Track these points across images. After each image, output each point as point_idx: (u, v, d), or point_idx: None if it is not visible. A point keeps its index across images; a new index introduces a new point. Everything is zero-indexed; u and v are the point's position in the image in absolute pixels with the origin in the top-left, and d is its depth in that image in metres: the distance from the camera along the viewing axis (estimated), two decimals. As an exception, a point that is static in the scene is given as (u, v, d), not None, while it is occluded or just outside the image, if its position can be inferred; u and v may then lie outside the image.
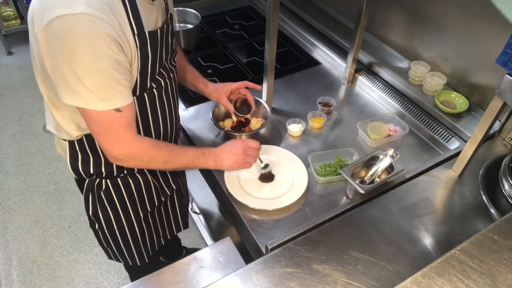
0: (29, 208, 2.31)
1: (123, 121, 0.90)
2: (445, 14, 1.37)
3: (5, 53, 3.43)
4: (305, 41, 1.87)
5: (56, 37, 0.77)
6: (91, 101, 0.83)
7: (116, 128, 0.90)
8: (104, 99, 0.84)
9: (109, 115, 0.86)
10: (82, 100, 0.83)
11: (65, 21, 0.75)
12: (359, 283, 0.93)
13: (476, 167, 1.17)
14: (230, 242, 1.17)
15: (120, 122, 0.89)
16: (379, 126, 1.37)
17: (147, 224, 1.26)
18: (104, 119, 0.87)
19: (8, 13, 3.29)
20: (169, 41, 1.01)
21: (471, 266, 0.68)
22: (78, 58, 0.78)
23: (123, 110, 0.87)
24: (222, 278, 0.95)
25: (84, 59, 0.78)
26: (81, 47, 0.77)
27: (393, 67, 1.60)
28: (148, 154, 0.99)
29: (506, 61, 0.91)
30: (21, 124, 2.82)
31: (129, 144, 0.94)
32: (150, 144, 0.99)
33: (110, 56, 0.80)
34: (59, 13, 0.75)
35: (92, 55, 0.78)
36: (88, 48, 0.77)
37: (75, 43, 0.76)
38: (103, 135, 0.91)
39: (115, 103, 0.86)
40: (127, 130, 0.92)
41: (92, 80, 0.81)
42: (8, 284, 1.98)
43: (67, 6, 0.75)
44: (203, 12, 1.99)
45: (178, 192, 1.32)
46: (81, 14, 0.75)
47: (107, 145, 0.93)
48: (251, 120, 1.39)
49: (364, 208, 1.11)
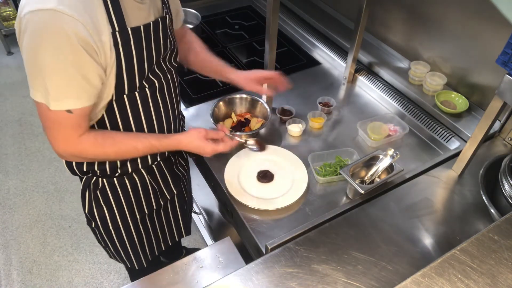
0: (29, 208, 2.31)
1: (72, 122, 0.89)
2: (445, 14, 1.37)
3: (5, 53, 3.44)
4: (305, 41, 1.87)
5: (25, 31, 0.78)
6: (44, 98, 0.83)
7: (63, 128, 0.89)
8: (58, 99, 0.83)
9: (59, 114, 0.86)
10: (38, 93, 0.83)
11: (35, 16, 0.76)
12: (359, 283, 0.93)
13: (476, 167, 1.17)
14: (230, 242, 1.17)
15: (68, 122, 0.88)
16: (379, 126, 1.37)
17: (144, 227, 1.25)
18: (53, 117, 0.87)
19: (8, 13, 3.29)
20: (160, 39, 0.97)
21: (471, 266, 0.68)
22: (41, 54, 0.78)
23: (74, 112, 0.86)
24: (222, 278, 0.95)
25: (46, 56, 0.78)
26: (45, 44, 0.77)
27: (393, 67, 1.60)
28: (89, 153, 0.97)
29: (506, 61, 0.91)
30: (21, 124, 2.82)
31: (71, 143, 0.93)
32: (92, 143, 0.96)
33: (74, 57, 0.79)
34: (31, 8, 0.75)
35: (55, 53, 0.78)
36: (52, 46, 0.77)
37: (40, 39, 0.77)
38: (49, 130, 0.91)
39: (68, 105, 0.85)
40: (74, 130, 0.91)
41: (51, 78, 0.80)
42: (8, 284, 1.98)
43: (36, 1, 0.75)
44: (203, 12, 1.99)
45: (180, 196, 1.30)
46: (51, 11, 0.75)
47: (52, 141, 0.93)
48: (251, 120, 1.39)
49: (364, 208, 1.11)
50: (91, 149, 0.96)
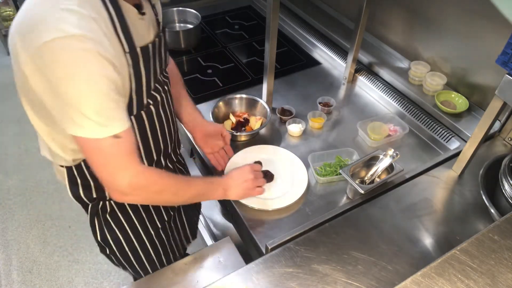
0: (29, 208, 2.31)
1: (123, 148, 0.82)
2: (445, 14, 1.37)
3: (5, 53, 3.43)
4: (305, 41, 1.87)
5: (47, 64, 0.72)
6: (89, 129, 0.77)
7: (117, 157, 0.82)
8: (103, 125, 0.77)
9: (108, 142, 0.79)
10: (80, 128, 0.77)
11: (55, 46, 0.70)
12: (359, 283, 0.93)
13: (476, 167, 1.17)
14: (230, 242, 1.17)
15: (120, 150, 0.82)
16: (379, 126, 1.37)
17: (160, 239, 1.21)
18: (103, 148, 0.80)
19: (8, 13, 3.29)
20: (162, 54, 0.96)
21: (471, 266, 0.68)
22: (73, 82, 0.73)
23: (122, 136, 0.80)
24: (222, 278, 0.95)
25: (80, 83, 0.73)
26: (75, 70, 0.72)
27: (393, 67, 1.60)
28: (157, 184, 0.91)
29: (506, 61, 0.91)
30: (21, 124, 2.82)
31: (135, 174, 0.85)
32: (158, 173, 0.92)
33: (105, 76, 0.75)
34: (47, 38, 0.70)
35: (88, 77, 0.73)
36: (83, 70, 0.72)
37: (69, 67, 0.72)
38: (103, 166, 0.83)
39: (114, 128, 0.79)
40: (130, 158, 0.84)
41: (90, 105, 0.75)
42: (8, 284, 1.98)
43: (54, 30, 0.70)
44: (203, 12, 1.99)
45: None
46: (72, 36, 0.70)
47: (110, 179, 0.85)
48: (249, 119, 1.39)
49: (364, 208, 1.11)
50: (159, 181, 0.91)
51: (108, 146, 0.80)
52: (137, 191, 0.88)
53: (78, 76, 0.72)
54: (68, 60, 0.71)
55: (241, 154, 1.28)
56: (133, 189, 0.87)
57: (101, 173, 0.85)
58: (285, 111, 1.45)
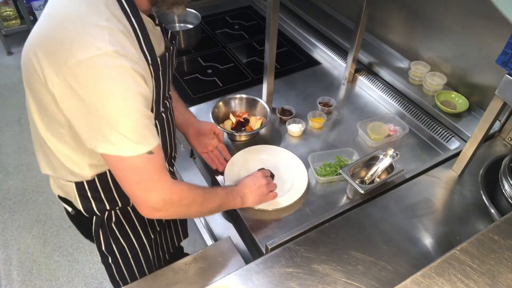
0: (29, 208, 2.31)
1: (156, 164, 0.81)
2: (445, 14, 1.37)
3: (5, 53, 3.43)
4: (305, 41, 1.87)
5: (82, 83, 0.70)
6: (124, 147, 0.75)
7: (151, 173, 0.81)
8: (139, 142, 0.76)
9: (143, 159, 0.78)
10: (114, 147, 0.75)
11: (91, 64, 0.69)
12: (359, 283, 0.93)
13: (476, 167, 1.17)
14: (230, 242, 1.17)
15: (153, 166, 0.81)
16: (379, 126, 1.37)
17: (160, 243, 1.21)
18: (138, 165, 0.79)
19: (8, 13, 3.29)
20: (173, 62, 0.96)
21: (471, 266, 0.68)
22: (109, 101, 0.72)
23: (154, 151, 0.79)
24: (222, 278, 0.95)
25: (116, 101, 0.72)
26: (111, 88, 0.71)
27: (393, 67, 1.60)
28: (188, 197, 0.91)
29: (506, 61, 0.91)
30: (21, 124, 2.82)
31: (168, 189, 0.85)
32: (187, 186, 0.92)
33: (139, 93, 0.75)
34: (81, 57, 0.69)
35: (124, 95, 0.72)
36: (119, 88, 0.72)
37: (105, 85, 0.71)
38: (137, 183, 0.82)
39: (148, 145, 0.78)
40: (162, 174, 0.84)
41: (126, 123, 0.74)
42: (8, 284, 1.98)
43: (88, 47, 0.69)
44: (203, 12, 1.99)
45: None
46: (106, 54, 0.69)
47: (143, 195, 0.83)
48: (249, 119, 1.39)
49: (364, 208, 1.11)
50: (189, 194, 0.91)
51: (142, 162, 0.79)
52: (168, 206, 0.87)
53: (115, 94, 0.72)
54: (104, 78, 0.71)
55: (241, 154, 1.28)
56: (166, 205, 0.86)
57: (134, 190, 0.83)
58: (285, 111, 1.45)
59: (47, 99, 0.77)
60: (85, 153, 0.88)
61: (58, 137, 0.86)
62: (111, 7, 0.74)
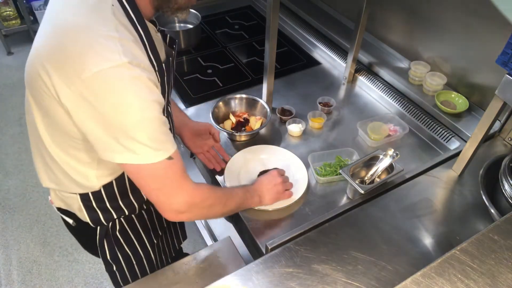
0: (29, 208, 2.31)
1: (177, 169, 0.82)
2: (445, 14, 1.37)
3: (5, 53, 3.44)
4: (305, 41, 1.87)
5: (97, 94, 0.70)
6: (144, 155, 0.76)
7: (173, 178, 0.83)
8: (158, 149, 0.77)
9: (163, 165, 0.79)
10: (133, 155, 0.76)
11: (105, 76, 0.69)
12: (359, 283, 0.93)
13: (476, 167, 1.17)
14: (230, 242, 1.17)
15: (174, 171, 0.82)
16: (379, 126, 1.37)
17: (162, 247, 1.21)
18: (159, 171, 0.80)
19: (8, 13, 3.29)
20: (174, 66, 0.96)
21: (471, 266, 0.68)
22: (126, 111, 0.72)
23: (174, 157, 0.80)
24: (222, 278, 0.95)
25: (133, 111, 0.72)
26: (129, 99, 0.71)
27: (393, 67, 1.60)
28: (210, 198, 0.92)
29: (506, 61, 0.91)
30: (21, 124, 2.82)
31: (190, 192, 0.87)
32: (208, 188, 0.93)
33: (155, 101, 0.75)
34: (95, 69, 0.68)
35: (141, 104, 0.73)
36: (135, 98, 0.72)
37: (121, 96, 0.71)
38: (159, 189, 0.83)
39: (167, 151, 0.79)
40: (183, 177, 0.85)
41: (145, 132, 0.74)
42: (8, 284, 1.98)
43: (102, 59, 0.69)
44: (203, 12, 1.99)
45: None
46: (120, 65, 0.69)
47: (167, 200, 0.85)
48: (249, 119, 1.39)
49: (364, 208, 1.11)
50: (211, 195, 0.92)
51: (163, 169, 0.80)
52: (191, 208, 0.88)
53: (132, 105, 0.72)
54: (120, 90, 0.70)
55: (241, 154, 1.28)
56: (189, 207, 0.88)
57: (156, 196, 0.85)
58: (285, 111, 1.45)
59: (59, 113, 0.76)
60: (93, 164, 0.88)
61: (65, 150, 0.86)
62: (118, 15, 0.74)
